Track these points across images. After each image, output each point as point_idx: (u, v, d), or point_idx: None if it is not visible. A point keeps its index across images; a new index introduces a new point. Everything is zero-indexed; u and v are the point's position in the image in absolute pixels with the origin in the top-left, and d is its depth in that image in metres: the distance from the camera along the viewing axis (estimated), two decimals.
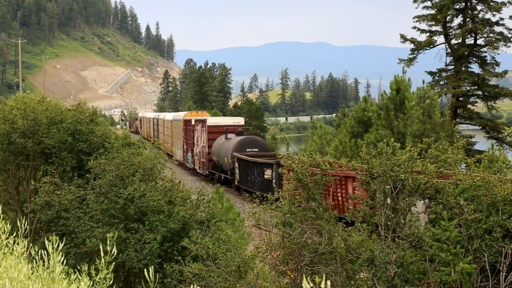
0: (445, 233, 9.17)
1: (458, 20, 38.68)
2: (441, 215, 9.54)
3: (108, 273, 5.30)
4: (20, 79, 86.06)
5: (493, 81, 39.47)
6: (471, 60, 38.36)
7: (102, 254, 5.41)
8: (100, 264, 5.37)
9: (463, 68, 37.67)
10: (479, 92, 38.02)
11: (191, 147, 44.22)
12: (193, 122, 43.25)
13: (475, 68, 38.72)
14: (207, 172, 39.66)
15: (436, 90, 35.25)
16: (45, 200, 13.99)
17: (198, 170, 42.37)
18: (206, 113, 51.22)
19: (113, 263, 5.47)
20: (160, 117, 67.78)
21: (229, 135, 35.41)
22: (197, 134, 41.50)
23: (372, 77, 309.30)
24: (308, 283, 3.88)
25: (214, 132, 38.14)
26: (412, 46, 38.81)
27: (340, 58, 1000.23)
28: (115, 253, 5.38)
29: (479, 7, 37.63)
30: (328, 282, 3.95)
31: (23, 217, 7.10)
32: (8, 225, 6.40)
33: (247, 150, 32.79)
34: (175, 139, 52.39)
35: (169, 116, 60.86)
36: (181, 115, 52.41)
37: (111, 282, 5.31)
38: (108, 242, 5.50)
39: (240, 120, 39.22)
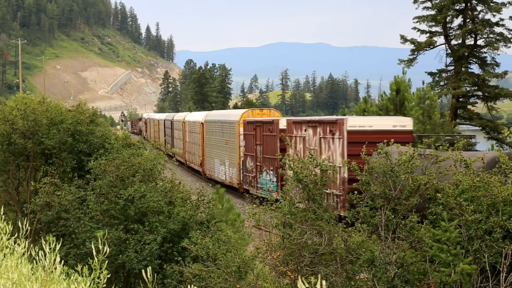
0: (445, 233, 9.17)
1: (458, 21, 38.81)
2: (441, 215, 9.55)
3: (102, 272, 5.31)
4: (20, 79, 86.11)
5: (493, 82, 39.55)
6: (471, 61, 38.44)
7: (94, 253, 5.42)
8: (93, 263, 5.38)
9: (463, 69, 37.73)
10: (479, 93, 38.11)
11: (274, 165, 27.45)
12: (281, 125, 27.09)
13: (475, 68, 38.82)
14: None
15: (436, 91, 35.29)
16: (45, 200, 13.99)
17: None
18: (273, 111, 34.59)
19: (106, 261, 5.48)
20: (176, 119, 52.59)
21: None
22: (301, 145, 24.07)
23: (372, 77, 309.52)
24: (304, 283, 3.87)
25: (360, 142, 17.62)
26: (412, 47, 38.87)
27: (340, 59, 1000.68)
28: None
29: (479, 8, 37.74)
30: (324, 282, 3.94)
31: (23, 218, 7.11)
32: (10, 226, 6.41)
33: None
34: (211, 149, 37.60)
35: (195, 116, 44.66)
36: (231, 114, 36.10)
37: (105, 280, 5.31)
38: (100, 241, 5.51)
39: (405, 122, 21.91)
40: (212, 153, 37.57)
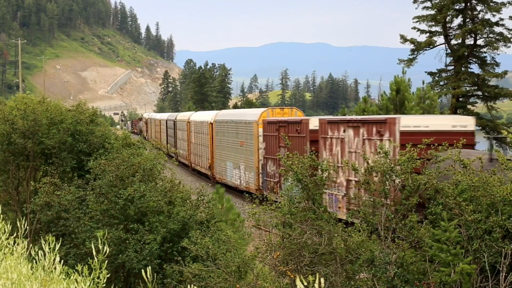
0: (445, 233, 9.17)
1: (458, 21, 38.79)
2: (441, 215, 9.55)
3: (102, 272, 5.31)
4: (20, 79, 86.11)
5: (493, 82, 39.53)
6: (471, 61, 38.42)
7: (94, 253, 5.42)
8: (93, 263, 5.38)
9: (463, 69, 37.72)
10: (479, 93, 38.10)
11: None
12: (312, 125, 24.18)
13: (475, 68, 38.81)
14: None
15: (436, 91, 35.32)
16: (45, 200, 14.00)
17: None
18: (295, 110, 31.53)
19: (106, 261, 5.48)
20: (179, 118, 50.26)
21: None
22: (338, 148, 21.67)
23: (372, 77, 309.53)
24: (302, 282, 3.87)
25: (415, 145, 13.63)
26: (412, 46, 38.85)
27: (340, 59, 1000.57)
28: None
29: (479, 8, 37.72)
30: (322, 280, 3.94)
31: (23, 218, 7.11)
32: (8, 225, 6.41)
33: None
34: (222, 151, 34.86)
35: (202, 116, 42.08)
36: (247, 114, 33.14)
37: (104, 280, 5.32)
38: (99, 241, 5.51)
39: (466, 122, 19.54)
40: (223, 156, 34.61)
